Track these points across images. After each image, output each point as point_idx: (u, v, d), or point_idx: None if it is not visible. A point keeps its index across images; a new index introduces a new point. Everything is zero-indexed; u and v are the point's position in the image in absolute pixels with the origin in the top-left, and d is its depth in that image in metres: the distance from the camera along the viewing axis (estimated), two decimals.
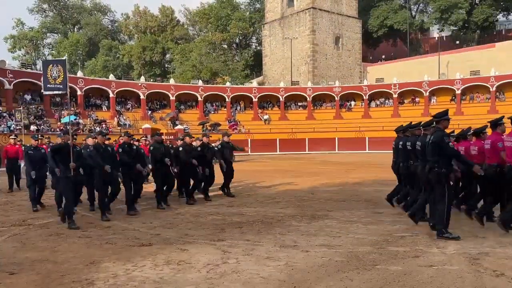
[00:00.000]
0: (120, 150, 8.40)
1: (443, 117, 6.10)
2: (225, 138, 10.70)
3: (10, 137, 12.47)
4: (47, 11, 64.99)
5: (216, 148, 10.38)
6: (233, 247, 5.58)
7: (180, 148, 9.52)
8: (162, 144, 9.34)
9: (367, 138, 33.31)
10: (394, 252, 5.24)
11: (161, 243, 5.91)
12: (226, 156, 10.35)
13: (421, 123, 7.39)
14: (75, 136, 9.12)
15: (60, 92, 8.06)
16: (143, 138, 14.38)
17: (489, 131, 6.96)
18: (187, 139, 9.94)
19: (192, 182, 9.69)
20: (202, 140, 10.21)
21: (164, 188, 9.19)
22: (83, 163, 7.89)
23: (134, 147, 8.82)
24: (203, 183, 9.98)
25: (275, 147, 32.01)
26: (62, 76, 7.69)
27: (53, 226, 7.24)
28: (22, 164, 11.89)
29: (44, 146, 12.04)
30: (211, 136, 11.02)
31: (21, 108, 23.54)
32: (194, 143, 10.15)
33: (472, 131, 7.54)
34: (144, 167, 8.78)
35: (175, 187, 9.84)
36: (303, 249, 5.43)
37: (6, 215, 8.32)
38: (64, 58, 8.10)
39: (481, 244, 5.53)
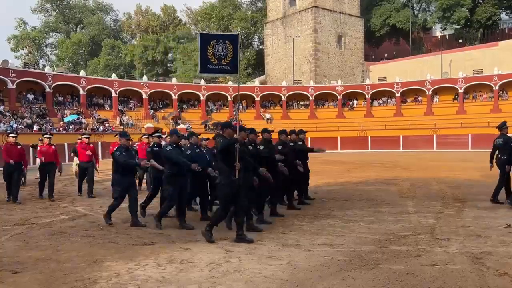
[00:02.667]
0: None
1: None
2: (301, 136, 9.01)
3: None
4: (49, 11, 65.16)
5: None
6: (235, 246, 5.58)
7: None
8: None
9: (369, 137, 33.27)
10: (397, 251, 5.23)
11: (163, 242, 5.92)
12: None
13: None
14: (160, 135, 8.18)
15: (220, 75, 6.99)
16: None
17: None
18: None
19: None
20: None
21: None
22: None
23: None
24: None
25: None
26: (231, 55, 6.40)
27: (56, 225, 7.25)
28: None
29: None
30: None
31: None
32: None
33: None
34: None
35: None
36: (306, 248, 5.43)
37: (9, 214, 8.34)
38: (236, 33, 6.90)
39: (484, 243, 5.52)
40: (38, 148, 10.51)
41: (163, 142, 8.52)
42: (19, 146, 9.86)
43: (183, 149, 7.26)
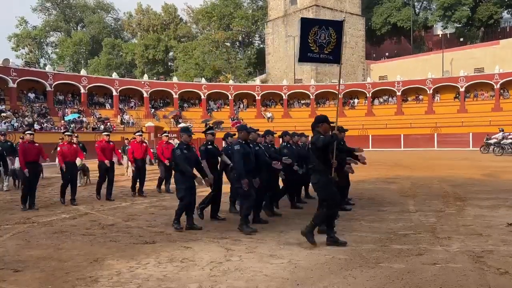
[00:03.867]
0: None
1: None
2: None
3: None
4: (50, 10, 65.18)
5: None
6: (236, 245, 5.58)
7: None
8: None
9: (370, 136, 33.26)
10: (398, 250, 5.23)
11: (164, 240, 5.93)
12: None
13: None
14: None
15: (321, 64, 6.04)
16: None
17: None
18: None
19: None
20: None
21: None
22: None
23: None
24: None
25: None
26: (334, 43, 5.70)
27: (57, 224, 7.26)
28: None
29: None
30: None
31: None
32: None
33: None
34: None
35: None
36: (306, 247, 5.42)
37: (10, 213, 8.36)
38: (341, 19, 5.96)
39: (485, 242, 5.51)
40: (58, 148, 9.50)
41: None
42: (36, 144, 9.05)
43: (251, 146, 6.63)
